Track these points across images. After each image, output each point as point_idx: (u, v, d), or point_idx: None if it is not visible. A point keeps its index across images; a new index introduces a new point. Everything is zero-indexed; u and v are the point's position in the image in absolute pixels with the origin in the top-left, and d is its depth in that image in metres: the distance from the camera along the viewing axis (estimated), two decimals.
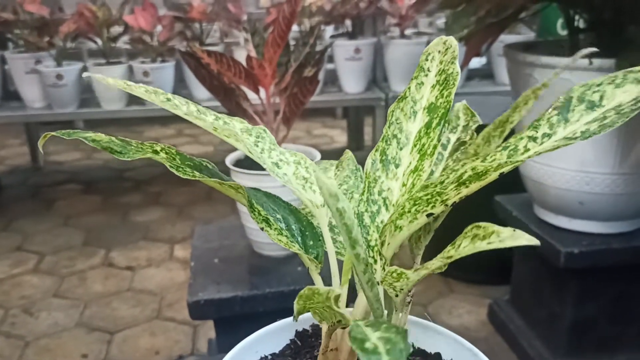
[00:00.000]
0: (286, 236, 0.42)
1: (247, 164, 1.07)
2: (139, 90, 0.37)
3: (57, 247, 1.95)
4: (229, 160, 1.04)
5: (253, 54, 1.07)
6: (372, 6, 2.20)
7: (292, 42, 1.13)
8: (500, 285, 1.55)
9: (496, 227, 0.30)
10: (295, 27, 2.38)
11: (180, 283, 1.68)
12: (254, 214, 0.41)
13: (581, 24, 1.13)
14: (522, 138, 0.36)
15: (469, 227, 0.31)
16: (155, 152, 0.39)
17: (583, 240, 1.10)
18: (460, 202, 0.45)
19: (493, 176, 0.32)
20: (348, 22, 2.32)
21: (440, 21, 2.76)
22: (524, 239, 0.28)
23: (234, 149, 1.15)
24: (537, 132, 0.35)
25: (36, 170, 2.80)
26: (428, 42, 2.35)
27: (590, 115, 0.34)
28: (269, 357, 0.44)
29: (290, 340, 0.46)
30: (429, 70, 0.41)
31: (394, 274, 0.34)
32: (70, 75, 2.09)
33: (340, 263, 0.42)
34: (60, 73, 2.07)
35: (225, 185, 0.39)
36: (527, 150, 0.35)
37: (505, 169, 0.32)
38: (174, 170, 0.39)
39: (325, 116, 3.58)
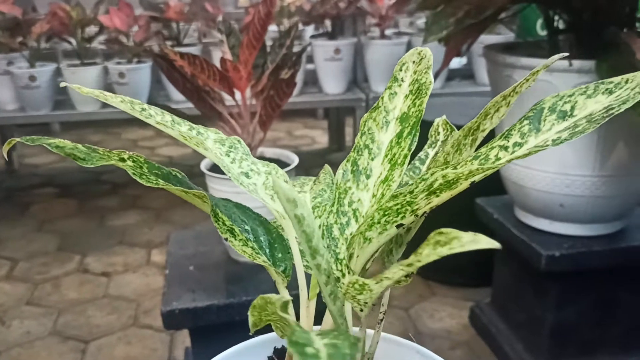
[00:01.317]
0: (252, 247, 0.40)
1: None
2: (114, 100, 0.37)
3: (31, 253, 1.90)
4: (204, 164, 1.02)
5: (228, 55, 1.04)
6: (352, 6, 2.18)
7: (269, 43, 1.11)
8: (481, 288, 1.54)
9: (458, 233, 0.29)
10: (274, 28, 2.35)
11: (158, 289, 1.65)
12: (218, 224, 0.40)
13: (561, 24, 1.12)
14: (493, 147, 0.35)
15: (432, 234, 0.31)
16: (122, 159, 0.38)
17: (564, 243, 1.09)
18: (441, 205, 0.44)
19: (464, 185, 0.31)
20: (328, 22, 2.30)
21: (421, 21, 2.75)
22: (484, 242, 0.27)
23: None
24: (508, 141, 0.35)
25: (11, 173, 2.74)
26: (409, 42, 2.34)
27: (562, 124, 0.35)
28: None
29: (269, 357, 0.44)
30: (402, 81, 0.40)
31: (356, 285, 0.32)
32: (43, 76, 2.04)
33: (308, 277, 0.40)
34: (33, 74, 2.02)
35: (190, 193, 0.38)
36: (498, 159, 0.34)
37: (477, 177, 0.31)
38: (137, 178, 0.38)
39: (307, 117, 3.56)
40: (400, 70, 0.41)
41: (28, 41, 2.07)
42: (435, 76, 1.42)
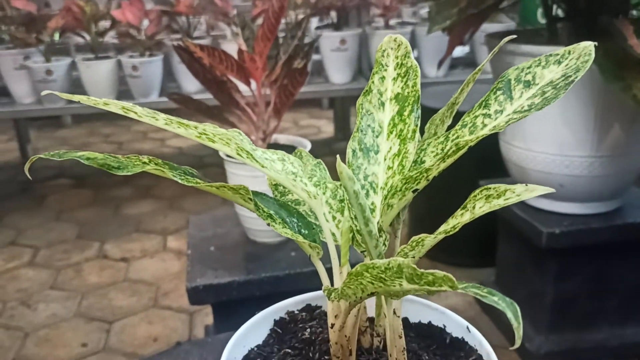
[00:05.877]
0: (290, 228, 0.44)
1: None
2: (119, 109, 0.37)
3: (51, 241, 1.98)
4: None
5: (244, 47, 1.10)
6: None
7: (280, 35, 1.17)
8: (486, 268, 1.60)
9: (508, 185, 0.34)
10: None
11: (175, 273, 1.72)
12: (259, 212, 0.42)
13: (560, 13, 1.17)
14: (476, 116, 0.41)
15: (478, 191, 0.36)
16: (145, 163, 0.40)
17: (564, 221, 1.15)
18: (446, 188, 0.49)
19: (464, 150, 0.37)
20: (333, 14, 2.35)
21: (424, 11, 2.80)
22: (539, 190, 0.32)
23: None
24: (489, 109, 0.41)
25: None
26: (412, 32, 2.38)
27: (529, 91, 0.40)
28: (255, 349, 0.46)
29: (271, 329, 0.49)
30: (387, 65, 0.46)
31: (413, 243, 0.38)
32: (59, 70, 2.11)
33: (337, 249, 0.44)
34: (49, 69, 2.08)
35: (225, 188, 0.39)
36: (485, 125, 0.40)
37: (474, 142, 0.36)
38: (177, 179, 0.39)
39: (312, 107, 3.62)
40: (382, 56, 0.46)
41: (43, 36, 2.13)
42: (440, 64, 1.48)
